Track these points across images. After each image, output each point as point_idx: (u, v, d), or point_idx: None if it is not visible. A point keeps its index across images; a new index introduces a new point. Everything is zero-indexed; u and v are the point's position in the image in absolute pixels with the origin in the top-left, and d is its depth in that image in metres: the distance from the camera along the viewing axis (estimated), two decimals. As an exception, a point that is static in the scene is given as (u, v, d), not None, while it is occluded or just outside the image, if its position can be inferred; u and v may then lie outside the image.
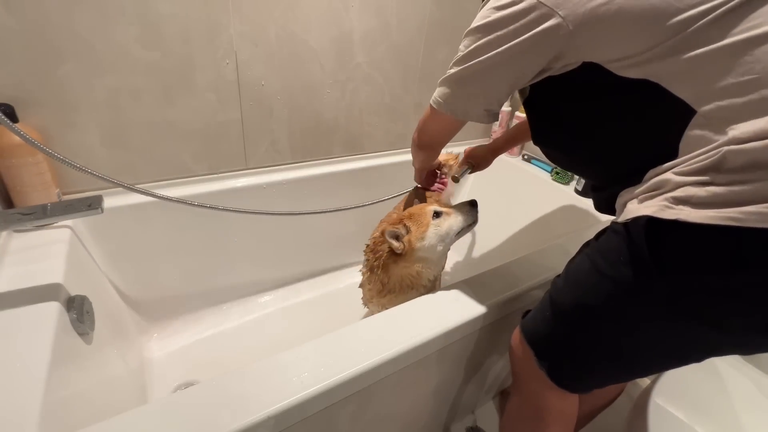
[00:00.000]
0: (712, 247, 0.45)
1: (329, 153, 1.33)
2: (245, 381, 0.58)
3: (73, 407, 0.61)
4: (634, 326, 0.55)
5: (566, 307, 0.62)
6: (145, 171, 1.04)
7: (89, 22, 0.84)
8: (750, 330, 0.49)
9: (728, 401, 0.82)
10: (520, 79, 0.60)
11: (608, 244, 0.56)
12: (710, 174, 0.45)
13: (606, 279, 0.55)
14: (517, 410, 0.77)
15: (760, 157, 0.42)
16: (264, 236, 1.25)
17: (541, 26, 0.52)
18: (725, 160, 0.44)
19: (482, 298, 0.79)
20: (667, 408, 0.77)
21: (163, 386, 1.01)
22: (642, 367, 0.61)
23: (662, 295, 0.50)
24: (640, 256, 0.50)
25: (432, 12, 1.28)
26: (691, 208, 0.45)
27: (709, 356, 0.55)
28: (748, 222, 0.42)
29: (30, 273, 0.72)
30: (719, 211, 0.43)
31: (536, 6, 0.52)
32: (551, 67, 0.57)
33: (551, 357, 0.65)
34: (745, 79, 0.44)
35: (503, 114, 1.60)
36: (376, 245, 0.89)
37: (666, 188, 0.49)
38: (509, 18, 0.54)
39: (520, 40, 0.55)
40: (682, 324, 0.51)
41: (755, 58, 0.43)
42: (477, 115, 0.68)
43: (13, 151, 0.78)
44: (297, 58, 1.12)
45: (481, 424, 1.11)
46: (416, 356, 0.70)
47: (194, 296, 1.20)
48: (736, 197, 0.43)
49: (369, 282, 0.94)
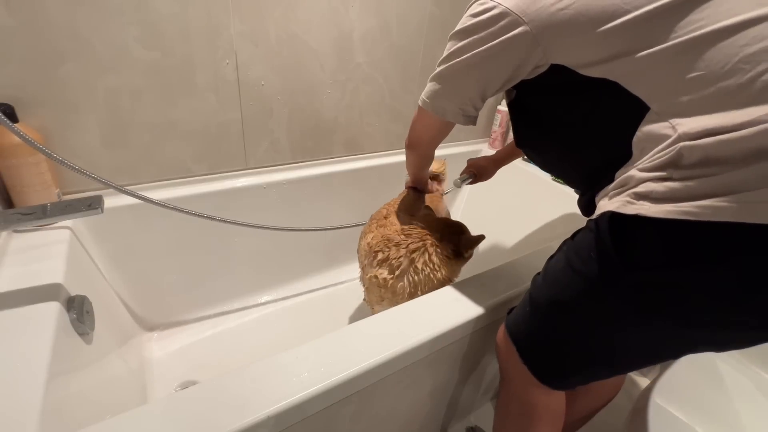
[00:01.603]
0: (671, 241, 0.46)
1: (329, 153, 1.34)
2: (245, 381, 0.58)
3: (73, 407, 0.61)
4: (605, 322, 0.57)
5: (543, 304, 0.64)
6: (145, 171, 1.04)
7: (89, 22, 0.84)
8: (714, 325, 0.49)
9: (728, 401, 0.82)
10: (492, 81, 0.63)
11: (581, 242, 0.58)
12: (668, 170, 0.47)
13: (577, 275, 0.57)
14: (505, 407, 0.78)
15: (712, 153, 0.43)
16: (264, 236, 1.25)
17: (510, 33, 0.56)
18: (681, 156, 0.45)
19: (482, 298, 0.79)
20: (667, 408, 0.77)
21: (163, 386, 1.01)
22: (618, 363, 0.62)
23: (628, 290, 0.52)
24: (606, 251, 0.52)
25: (432, 12, 1.28)
26: (651, 203, 0.47)
27: (683, 353, 0.57)
28: (702, 216, 0.43)
29: (30, 273, 0.72)
30: (676, 205, 0.45)
31: (505, 13, 0.55)
32: (523, 71, 0.60)
33: (532, 353, 0.67)
34: (692, 77, 0.46)
35: (503, 114, 1.60)
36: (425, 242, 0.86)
37: (630, 185, 0.50)
38: (482, 24, 0.58)
39: (491, 45, 0.58)
40: (650, 319, 0.52)
41: (700, 57, 0.45)
42: (453, 113, 0.70)
43: (13, 151, 0.78)
44: (297, 58, 1.12)
45: (480, 424, 1.11)
46: (416, 356, 0.70)
47: (194, 296, 1.20)
48: (691, 192, 0.44)
49: (389, 284, 0.87)
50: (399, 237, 0.88)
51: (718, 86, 0.44)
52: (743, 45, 0.43)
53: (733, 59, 0.43)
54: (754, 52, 0.42)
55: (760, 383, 0.85)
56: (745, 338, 0.51)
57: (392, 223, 0.96)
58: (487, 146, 1.70)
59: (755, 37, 0.42)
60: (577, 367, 0.65)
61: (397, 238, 0.88)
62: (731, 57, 0.43)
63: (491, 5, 0.57)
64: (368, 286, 0.96)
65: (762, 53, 0.42)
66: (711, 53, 0.44)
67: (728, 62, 0.43)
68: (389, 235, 0.90)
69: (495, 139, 1.67)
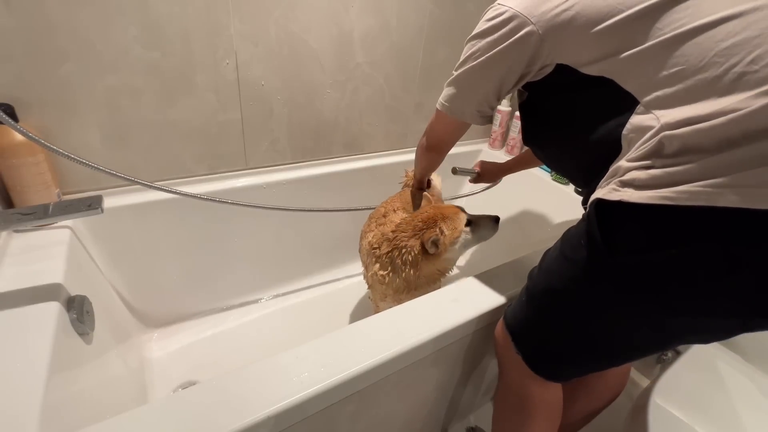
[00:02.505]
0: (652, 226, 0.49)
1: (329, 153, 1.34)
2: (245, 381, 0.58)
3: (73, 407, 0.61)
4: (596, 310, 0.58)
5: (537, 293, 0.66)
6: (146, 171, 1.04)
7: (89, 22, 0.84)
8: (695, 311, 0.51)
9: (728, 401, 0.82)
10: (505, 81, 0.67)
11: (574, 230, 0.61)
12: (652, 158, 0.49)
13: (568, 262, 0.60)
14: (502, 401, 0.79)
15: (689, 142, 0.46)
16: (264, 236, 1.25)
17: (519, 33, 0.60)
18: (663, 145, 0.48)
19: (481, 298, 0.79)
20: (667, 408, 0.77)
21: (163, 386, 1.01)
22: (610, 353, 0.63)
23: (613, 274, 0.54)
24: (593, 237, 0.54)
25: (432, 12, 1.28)
26: (634, 189, 0.49)
27: (673, 344, 0.59)
28: (679, 200, 0.45)
29: (30, 273, 0.72)
30: (656, 191, 0.47)
31: (515, 16, 0.60)
32: (530, 70, 0.64)
33: (526, 343, 0.69)
34: (674, 71, 0.49)
35: (503, 114, 1.60)
36: (399, 243, 0.88)
37: (618, 174, 0.53)
38: (494, 27, 0.63)
39: (503, 46, 0.62)
40: (634, 304, 0.54)
41: (681, 52, 0.48)
42: (471, 115, 0.75)
43: (13, 151, 0.78)
44: (297, 58, 1.12)
45: (480, 424, 1.11)
46: (416, 356, 0.70)
47: (194, 296, 1.20)
48: (670, 178, 0.46)
49: (386, 281, 0.92)
50: (390, 234, 0.91)
51: (696, 79, 0.47)
52: (719, 40, 0.46)
53: (709, 54, 0.46)
54: (727, 47, 0.45)
55: (760, 383, 0.85)
56: (726, 326, 0.52)
57: (391, 221, 0.98)
58: (487, 146, 1.70)
59: (729, 32, 0.45)
60: (568, 356, 0.66)
61: (390, 235, 0.91)
62: (707, 51, 0.46)
63: (502, 9, 0.61)
64: (371, 283, 0.98)
65: (734, 47, 0.44)
66: (690, 48, 0.48)
67: (705, 57, 0.46)
68: (386, 233, 0.93)
69: (495, 139, 1.67)
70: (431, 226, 0.87)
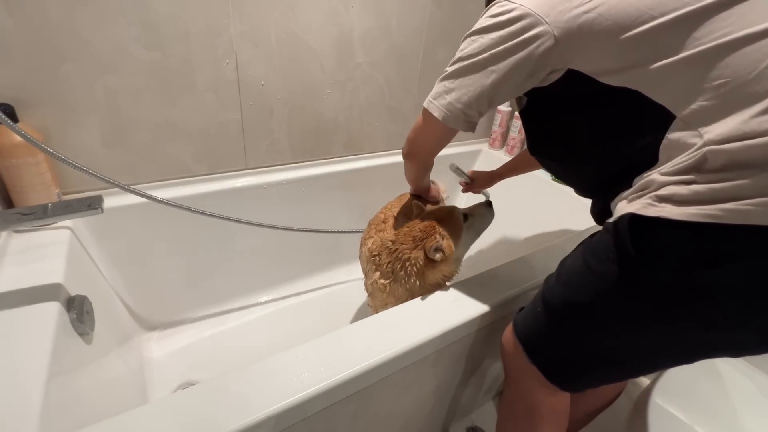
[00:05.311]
0: (694, 244, 0.47)
1: (329, 153, 1.34)
2: (245, 381, 0.58)
3: (73, 407, 0.61)
4: (623, 324, 0.56)
5: (557, 304, 0.63)
6: (146, 171, 1.04)
7: (89, 22, 0.84)
8: (737, 329, 0.49)
9: (728, 401, 0.81)
10: (504, 84, 0.60)
11: (599, 243, 0.58)
12: (692, 173, 0.47)
13: (595, 276, 0.57)
14: (510, 408, 0.78)
15: (738, 157, 0.44)
16: (264, 236, 1.24)
17: (529, 33, 0.55)
18: (706, 160, 0.46)
19: (481, 298, 0.79)
20: (667, 408, 0.77)
21: (163, 386, 1.01)
22: (633, 366, 0.61)
23: (648, 291, 0.51)
24: (626, 252, 0.51)
25: (432, 12, 1.28)
26: (673, 205, 0.47)
27: (699, 357, 0.56)
28: (726, 219, 0.43)
29: (30, 273, 0.72)
30: (700, 208, 0.45)
31: (526, 14, 0.54)
32: (538, 75, 0.58)
33: (543, 353, 0.66)
34: (717, 83, 0.46)
35: (503, 114, 1.60)
36: (401, 256, 0.85)
37: (651, 188, 0.51)
38: (500, 24, 0.57)
39: (508, 45, 0.57)
40: (669, 321, 0.52)
41: (726, 63, 0.46)
42: (455, 117, 0.67)
43: (13, 151, 0.78)
44: (297, 58, 1.12)
45: (481, 424, 1.11)
46: (416, 356, 0.70)
47: (194, 296, 1.20)
48: (716, 195, 0.44)
49: (388, 289, 0.88)
50: (391, 242, 0.89)
51: (744, 92, 0.45)
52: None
53: (760, 65, 0.44)
54: None
55: (760, 383, 0.85)
56: (764, 342, 0.50)
57: (390, 227, 0.97)
58: (487, 146, 1.70)
59: None
60: (589, 368, 0.64)
61: (390, 243, 0.89)
62: (758, 63, 0.44)
63: (512, 6, 0.56)
64: (372, 291, 0.96)
65: None
66: (737, 59, 0.45)
67: (755, 68, 0.44)
68: (386, 239, 0.91)
69: (495, 139, 1.67)
70: (430, 233, 0.84)
